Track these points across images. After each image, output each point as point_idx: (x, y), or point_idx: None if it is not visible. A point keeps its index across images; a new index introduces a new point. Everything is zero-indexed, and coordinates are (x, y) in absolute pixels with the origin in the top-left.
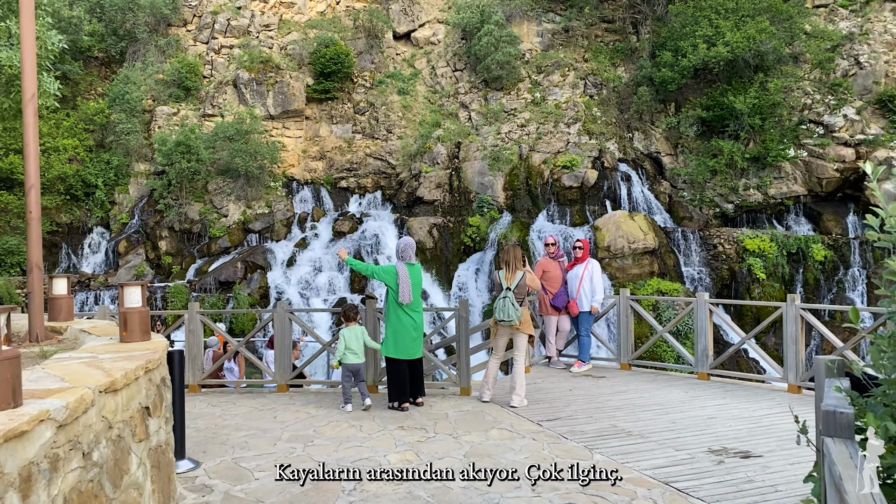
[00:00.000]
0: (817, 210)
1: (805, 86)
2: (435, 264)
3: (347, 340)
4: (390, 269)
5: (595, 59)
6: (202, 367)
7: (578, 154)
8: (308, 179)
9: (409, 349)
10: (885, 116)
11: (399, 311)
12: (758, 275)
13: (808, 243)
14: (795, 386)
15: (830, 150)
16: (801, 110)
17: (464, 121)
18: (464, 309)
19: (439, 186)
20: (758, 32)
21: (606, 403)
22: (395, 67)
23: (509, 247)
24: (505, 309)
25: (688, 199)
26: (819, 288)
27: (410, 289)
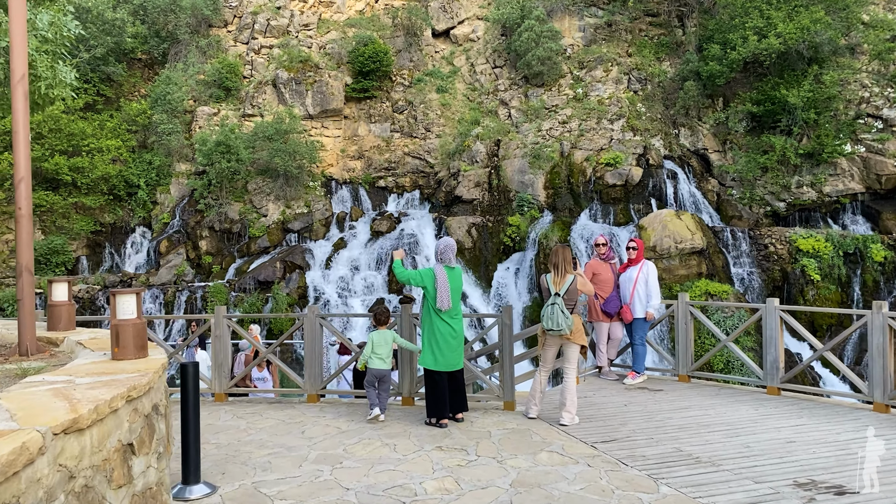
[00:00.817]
0: (876, 208)
1: (862, 78)
2: (474, 265)
3: (375, 344)
4: (427, 272)
5: (639, 53)
6: (229, 373)
7: (622, 151)
8: (346, 179)
9: (449, 360)
10: None
11: (437, 319)
12: (812, 276)
13: (866, 243)
14: (883, 405)
15: (890, 145)
16: (858, 104)
17: (503, 118)
18: (507, 315)
19: (478, 185)
20: (812, 23)
21: (668, 422)
22: (434, 65)
23: (558, 247)
24: (554, 317)
25: (737, 197)
26: (878, 290)
27: (450, 294)
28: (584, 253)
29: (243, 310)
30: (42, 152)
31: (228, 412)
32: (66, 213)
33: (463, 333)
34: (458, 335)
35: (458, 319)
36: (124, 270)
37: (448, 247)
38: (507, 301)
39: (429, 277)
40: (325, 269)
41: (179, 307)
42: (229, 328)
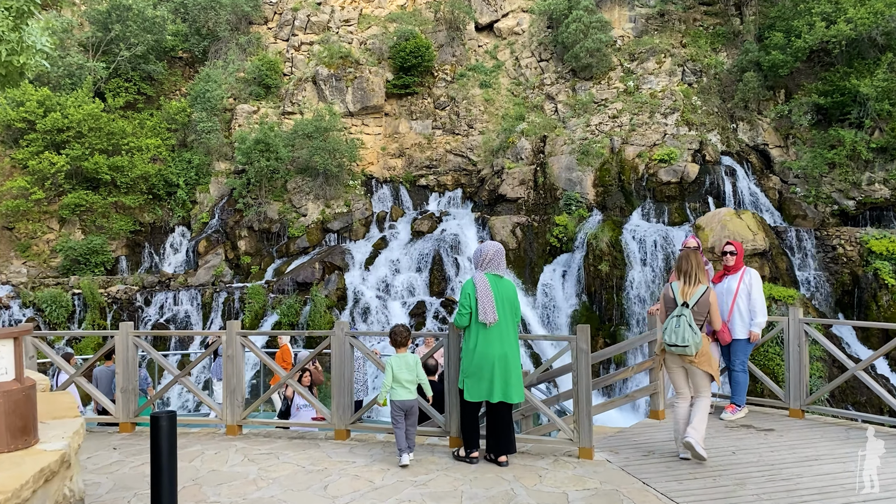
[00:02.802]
0: None
1: None
2: (518, 267)
3: (396, 370)
4: (466, 284)
5: (694, 44)
6: (243, 401)
7: (677, 146)
8: (387, 177)
9: (488, 387)
10: None
11: (478, 335)
12: (886, 280)
13: None
14: None
15: None
16: None
17: (549, 113)
18: (584, 338)
19: (523, 183)
20: (887, 6)
21: (798, 481)
22: (477, 60)
23: (689, 252)
24: (679, 330)
25: (801, 195)
26: None
27: (494, 304)
28: (637, 256)
29: (281, 312)
30: (82, 151)
31: (239, 452)
32: (106, 212)
33: (517, 359)
34: (509, 360)
35: (511, 341)
36: (163, 271)
37: (489, 252)
38: (555, 305)
39: (467, 288)
40: (364, 270)
41: (217, 309)
42: (244, 347)
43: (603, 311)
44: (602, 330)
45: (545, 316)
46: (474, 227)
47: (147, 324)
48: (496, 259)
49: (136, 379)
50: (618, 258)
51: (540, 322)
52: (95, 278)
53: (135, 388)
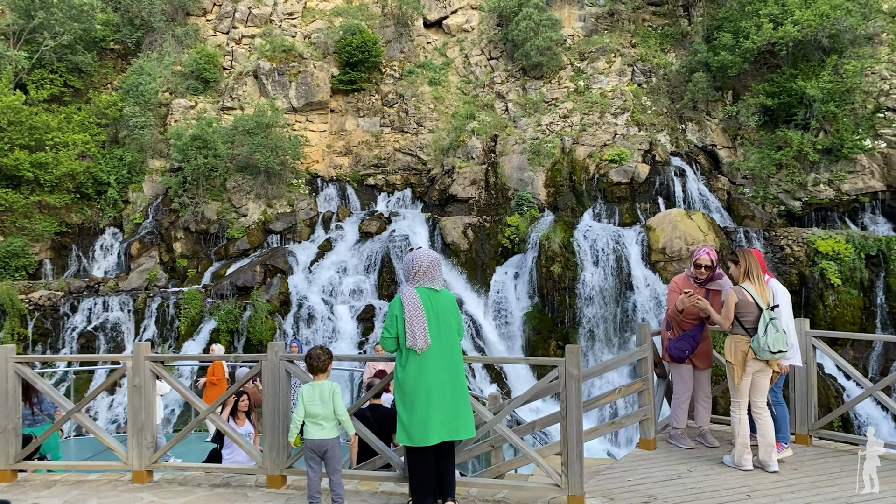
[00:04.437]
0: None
1: (881, 70)
2: (470, 268)
3: (307, 402)
4: (392, 302)
5: (643, 44)
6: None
7: (627, 147)
8: (333, 176)
9: (430, 429)
10: None
11: (410, 362)
12: (832, 280)
13: (889, 245)
14: None
15: None
16: (877, 97)
17: (500, 112)
18: (574, 362)
19: (474, 183)
20: (832, 9)
21: None
22: (426, 56)
23: (747, 251)
24: (779, 336)
25: (749, 195)
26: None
27: (426, 326)
28: (589, 257)
29: (219, 318)
30: (0, 146)
31: None
32: (28, 212)
33: (462, 387)
34: (449, 388)
35: (451, 366)
36: (91, 275)
37: (430, 264)
38: (507, 307)
39: (393, 309)
40: (309, 273)
41: (150, 315)
42: (154, 375)
43: (555, 312)
44: (554, 332)
45: (497, 319)
46: (425, 227)
47: (73, 332)
48: (431, 270)
49: (18, 415)
50: (570, 259)
51: (493, 325)
52: (16, 283)
53: (16, 427)
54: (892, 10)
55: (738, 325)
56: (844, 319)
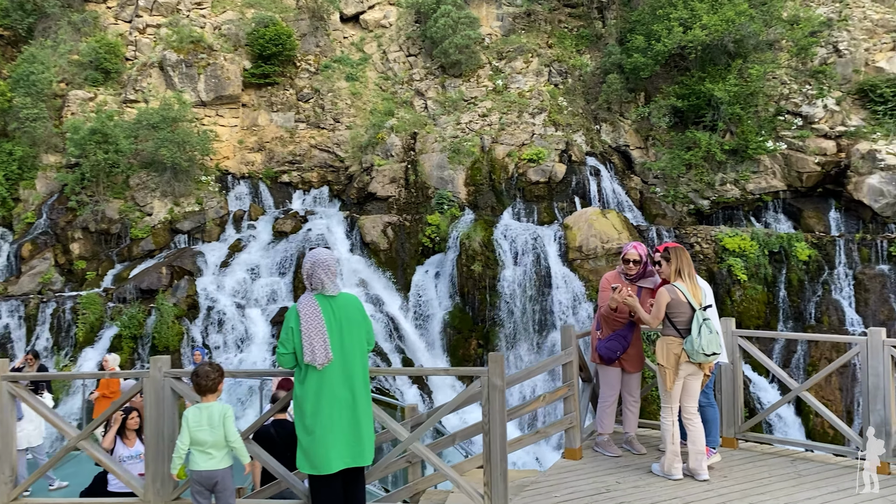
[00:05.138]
0: (797, 206)
1: (781, 75)
2: (391, 268)
3: (194, 428)
4: (288, 315)
5: (559, 44)
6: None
7: (544, 146)
8: (245, 173)
9: (332, 453)
10: (864, 107)
11: (310, 378)
12: (738, 276)
13: (790, 242)
14: (884, 463)
15: (810, 142)
16: (778, 100)
17: (420, 109)
18: (497, 371)
19: (394, 181)
20: (737, 15)
21: None
22: (343, 51)
23: (679, 248)
24: (713, 337)
25: (660, 195)
26: (803, 290)
27: (327, 338)
28: (509, 256)
29: (122, 323)
30: None
31: None
32: None
33: (367, 406)
34: (353, 407)
35: (356, 382)
36: None
37: (313, 265)
38: (428, 307)
39: (289, 321)
40: (219, 274)
41: (44, 322)
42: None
43: (476, 311)
44: (475, 331)
45: (418, 319)
46: (342, 226)
47: None
48: (318, 273)
49: None
50: (490, 258)
51: (413, 326)
52: None
53: None
54: (790, 18)
55: (669, 326)
56: (750, 314)
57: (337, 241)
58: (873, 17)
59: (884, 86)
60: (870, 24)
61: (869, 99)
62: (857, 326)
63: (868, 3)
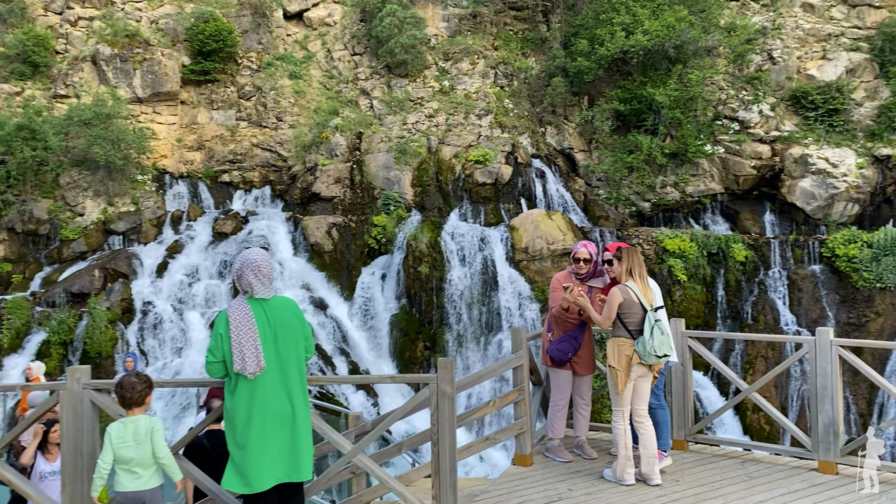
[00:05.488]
0: (734, 208)
1: (719, 80)
2: (335, 269)
3: (117, 444)
4: (217, 320)
5: (505, 47)
6: None
7: (491, 148)
8: (183, 172)
9: (264, 470)
10: (797, 113)
11: (241, 389)
12: (679, 276)
13: (728, 243)
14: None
15: (746, 146)
16: (716, 105)
17: (365, 109)
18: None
19: (339, 181)
20: (677, 21)
21: None
22: (286, 49)
23: (630, 248)
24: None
25: (603, 197)
26: (740, 290)
27: (259, 345)
28: (456, 257)
29: (50, 329)
30: None
31: None
32: None
33: (306, 417)
34: (291, 419)
35: (293, 392)
36: None
37: (248, 265)
38: (374, 309)
39: (221, 326)
40: (156, 277)
41: None
42: None
43: (423, 313)
44: (422, 333)
45: (364, 321)
46: (285, 227)
47: None
48: (246, 275)
49: None
50: (437, 259)
51: (359, 328)
52: None
53: None
54: (727, 26)
55: (621, 327)
56: (690, 313)
57: (280, 242)
58: (805, 27)
59: (815, 93)
60: (801, 34)
61: (801, 105)
62: (792, 325)
63: (800, 13)
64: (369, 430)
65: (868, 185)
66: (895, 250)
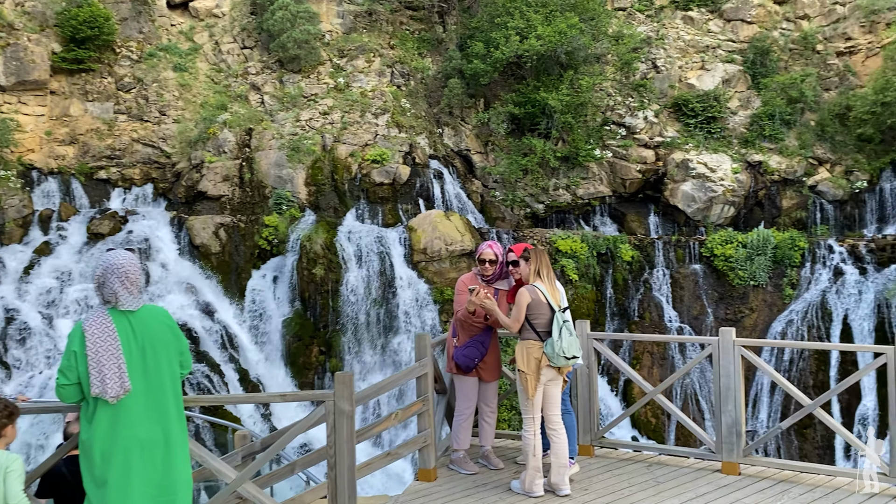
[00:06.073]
0: (622, 210)
1: (607, 87)
2: (223, 272)
3: None
4: (71, 335)
5: (402, 46)
6: None
7: (388, 148)
8: (54, 168)
9: (122, 498)
10: (679, 120)
11: (102, 413)
12: (571, 276)
13: (616, 244)
14: (734, 464)
15: (633, 151)
16: (604, 111)
17: (256, 105)
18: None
19: (227, 179)
20: (568, 28)
21: None
22: (171, 40)
23: (538, 248)
24: (573, 340)
25: (500, 198)
26: (628, 288)
27: (123, 364)
28: (352, 259)
29: None
30: None
31: None
32: None
33: (183, 443)
34: (162, 446)
35: (165, 415)
36: None
37: (113, 271)
38: (265, 314)
39: (74, 342)
40: (22, 281)
41: None
42: None
43: (318, 316)
44: (317, 338)
45: (255, 326)
46: (168, 228)
47: None
48: (110, 282)
49: None
50: (333, 261)
51: (249, 334)
52: None
53: None
54: (615, 34)
55: (529, 329)
56: (581, 312)
57: (163, 244)
58: (685, 38)
59: (694, 101)
60: (682, 44)
61: (682, 112)
62: (675, 322)
63: (681, 25)
64: (258, 450)
65: (742, 188)
66: (766, 250)
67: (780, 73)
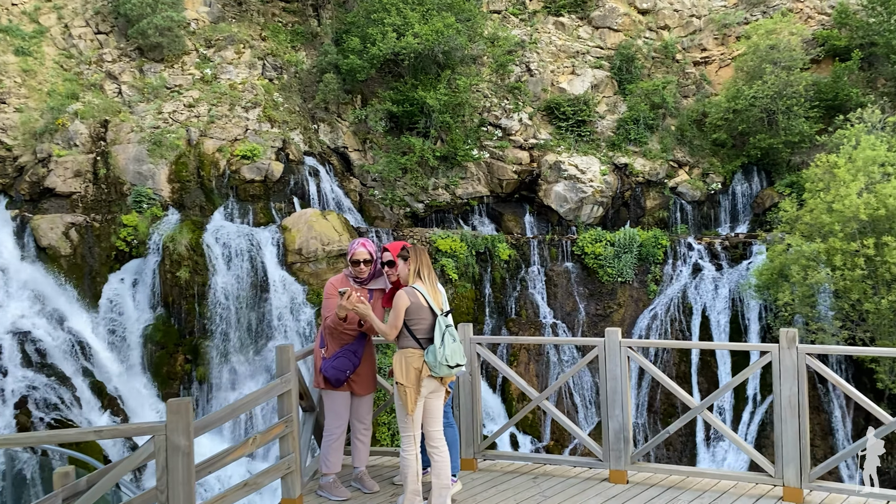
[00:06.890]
0: (499, 210)
1: (483, 88)
2: (76, 276)
3: None
4: None
5: (274, 38)
6: None
7: (260, 143)
8: None
9: None
10: (551, 122)
11: None
12: (451, 275)
13: (494, 243)
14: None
15: (509, 152)
16: (481, 112)
17: (112, 95)
18: (182, 425)
19: (79, 175)
20: (445, 27)
21: None
22: (11, 20)
23: (418, 247)
24: (457, 346)
25: (379, 197)
26: (505, 287)
27: None
28: (221, 261)
29: None
30: None
31: None
32: None
33: None
34: None
35: None
36: None
37: None
38: (124, 321)
39: None
40: None
41: None
42: None
43: (183, 323)
44: (182, 345)
45: (112, 335)
46: (10, 228)
47: None
48: None
49: None
50: (199, 263)
51: (105, 343)
52: None
53: None
54: (491, 36)
55: (408, 336)
56: (461, 311)
57: (3, 245)
58: (557, 43)
59: (565, 104)
60: (554, 49)
61: (555, 115)
62: (549, 318)
63: (553, 30)
64: (83, 489)
65: (610, 189)
66: (632, 248)
67: (644, 79)
